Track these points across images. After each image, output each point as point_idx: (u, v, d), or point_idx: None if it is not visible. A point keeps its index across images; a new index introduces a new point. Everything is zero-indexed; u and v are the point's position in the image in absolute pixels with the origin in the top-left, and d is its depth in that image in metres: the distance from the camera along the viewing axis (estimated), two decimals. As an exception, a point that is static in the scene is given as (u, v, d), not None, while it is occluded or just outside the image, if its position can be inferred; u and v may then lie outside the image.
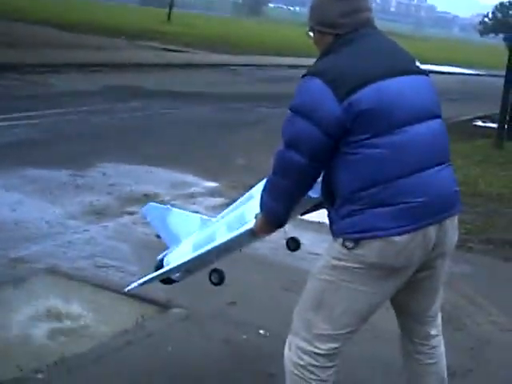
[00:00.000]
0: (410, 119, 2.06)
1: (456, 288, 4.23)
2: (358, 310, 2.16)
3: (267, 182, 2.24)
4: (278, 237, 2.47)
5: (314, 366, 2.17)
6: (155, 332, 3.34)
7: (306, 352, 2.17)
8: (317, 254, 2.45)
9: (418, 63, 2.23)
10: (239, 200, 2.73)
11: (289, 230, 2.77)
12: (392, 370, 2.84)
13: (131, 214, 5.30)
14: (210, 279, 2.68)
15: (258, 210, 2.32)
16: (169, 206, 3.16)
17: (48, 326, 3.36)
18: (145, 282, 2.85)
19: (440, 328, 2.45)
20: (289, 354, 2.22)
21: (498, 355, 3.43)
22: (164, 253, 2.92)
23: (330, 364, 2.20)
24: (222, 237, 2.55)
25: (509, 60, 9.91)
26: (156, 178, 6.52)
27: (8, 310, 3.51)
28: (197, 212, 5.41)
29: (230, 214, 2.69)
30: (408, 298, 2.32)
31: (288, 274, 3.83)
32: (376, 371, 3.06)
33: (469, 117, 13.87)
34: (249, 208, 2.51)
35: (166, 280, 2.92)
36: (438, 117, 2.19)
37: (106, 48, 19.12)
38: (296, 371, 2.19)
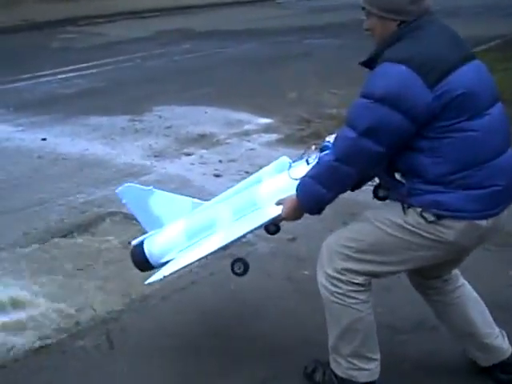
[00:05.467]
0: (490, 102, 1.98)
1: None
2: (405, 265, 2.09)
3: (322, 167, 2.03)
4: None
5: (352, 291, 2.10)
6: (217, 271, 3.24)
7: (342, 281, 2.09)
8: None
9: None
10: (240, 184, 2.45)
11: None
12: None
13: (189, 154, 5.22)
14: (233, 270, 2.39)
15: (274, 195, 2.18)
16: (152, 187, 2.72)
17: (115, 269, 3.33)
18: (165, 277, 2.45)
19: (456, 271, 2.33)
20: (324, 283, 2.13)
21: None
22: (141, 237, 2.57)
23: (368, 288, 2.13)
24: (227, 222, 2.31)
25: None
26: (210, 117, 6.36)
27: (77, 254, 3.49)
28: (252, 149, 5.30)
29: (233, 198, 2.41)
30: (433, 266, 2.18)
31: (346, 207, 3.59)
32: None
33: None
34: (260, 192, 2.29)
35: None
36: (500, 99, 2.07)
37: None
38: (335, 299, 2.11)
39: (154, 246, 2.48)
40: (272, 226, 2.37)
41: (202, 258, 2.39)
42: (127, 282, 3.17)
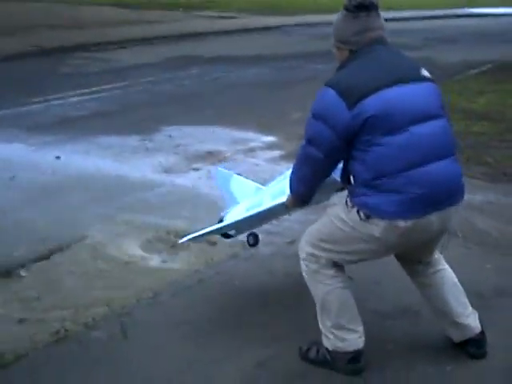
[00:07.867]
0: (411, 121, 2.26)
1: (501, 215, 4.27)
2: (357, 255, 2.48)
3: (293, 167, 2.52)
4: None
5: (320, 267, 2.51)
6: (223, 271, 3.52)
7: (310, 261, 2.54)
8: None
9: (424, 71, 2.40)
10: (283, 174, 2.96)
11: None
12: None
13: (197, 170, 5.49)
14: (248, 241, 3.18)
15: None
16: (233, 172, 3.55)
17: (128, 272, 3.58)
18: (201, 236, 3.15)
19: (436, 257, 2.67)
20: (301, 265, 2.59)
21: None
22: (226, 211, 3.24)
23: (334, 264, 2.51)
24: (266, 205, 2.86)
25: None
26: (218, 136, 6.66)
27: (92, 258, 3.74)
28: (257, 165, 5.60)
29: (275, 186, 2.97)
30: (404, 254, 2.60)
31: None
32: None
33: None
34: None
35: (225, 235, 3.28)
36: (441, 117, 2.37)
37: (165, 21, 19.30)
38: (308, 276, 2.56)
39: (228, 218, 3.13)
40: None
41: (223, 228, 3.09)
42: (140, 282, 3.41)
